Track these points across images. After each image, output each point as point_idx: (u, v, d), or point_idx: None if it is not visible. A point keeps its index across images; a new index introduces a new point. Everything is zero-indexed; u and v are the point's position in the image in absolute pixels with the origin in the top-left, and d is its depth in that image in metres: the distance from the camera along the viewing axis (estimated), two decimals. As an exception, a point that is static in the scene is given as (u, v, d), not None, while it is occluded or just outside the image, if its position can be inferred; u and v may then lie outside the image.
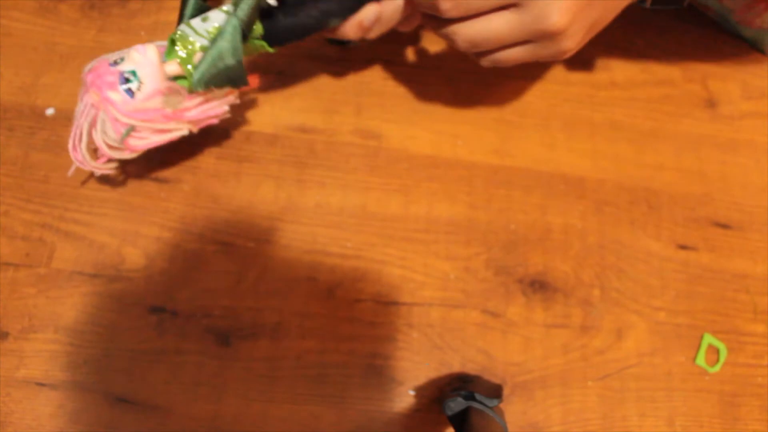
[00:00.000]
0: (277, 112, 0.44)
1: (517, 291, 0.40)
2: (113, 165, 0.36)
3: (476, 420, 0.32)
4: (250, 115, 0.43)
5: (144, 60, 0.32)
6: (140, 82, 0.32)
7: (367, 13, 0.33)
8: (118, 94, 0.32)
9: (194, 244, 0.39)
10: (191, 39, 0.32)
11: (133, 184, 0.40)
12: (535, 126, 0.44)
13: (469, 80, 0.46)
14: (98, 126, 0.33)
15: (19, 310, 0.37)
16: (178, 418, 0.36)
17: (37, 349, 0.36)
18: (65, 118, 0.42)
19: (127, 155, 0.35)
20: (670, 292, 0.40)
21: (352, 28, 0.34)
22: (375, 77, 0.45)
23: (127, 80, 0.32)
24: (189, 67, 0.32)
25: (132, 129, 0.33)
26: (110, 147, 0.34)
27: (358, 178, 0.42)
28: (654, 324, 0.40)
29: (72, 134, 0.34)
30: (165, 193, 0.40)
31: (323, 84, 0.45)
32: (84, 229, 0.39)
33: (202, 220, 0.40)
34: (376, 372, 0.37)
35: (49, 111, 0.42)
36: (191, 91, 0.32)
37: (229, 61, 0.31)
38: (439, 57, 0.46)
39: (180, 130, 0.35)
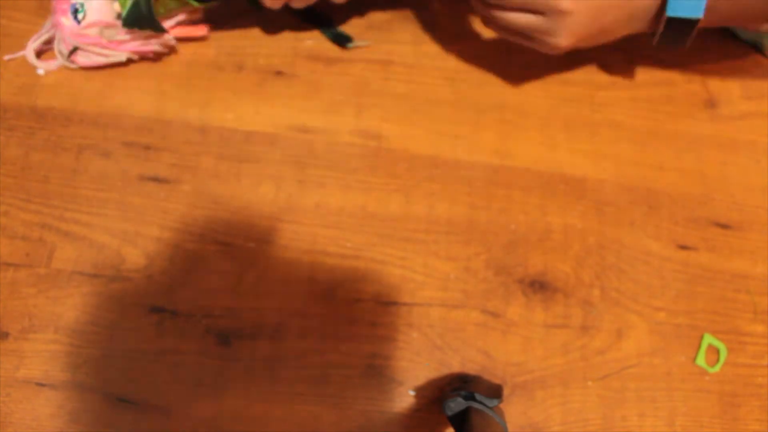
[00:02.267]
0: (277, 112, 0.44)
1: (517, 291, 0.40)
2: (56, 65, 0.43)
3: (476, 420, 0.32)
4: (250, 115, 0.43)
5: None
6: (85, 14, 0.40)
7: None
8: (68, 20, 0.41)
9: (194, 244, 0.39)
10: None
11: (133, 184, 0.40)
12: (535, 126, 0.44)
13: (469, 80, 0.46)
14: (56, 40, 0.42)
15: (19, 310, 0.37)
16: (178, 418, 0.36)
17: (37, 349, 0.36)
18: (65, 118, 0.42)
19: (73, 66, 0.43)
20: (670, 292, 0.40)
21: None
22: (375, 77, 0.45)
23: (76, 10, 0.41)
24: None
25: (76, 48, 0.42)
26: (62, 56, 0.43)
27: (358, 178, 0.42)
28: (654, 324, 0.40)
29: (36, 34, 0.43)
30: (165, 193, 0.40)
31: (323, 84, 0.45)
32: (84, 229, 0.39)
33: (202, 220, 0.40)
34: (376, 372, 0.37)
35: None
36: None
37: (143, 10, 0.40)
38: (439, 57, 0.46)
39: (118, 56, 0.43)
